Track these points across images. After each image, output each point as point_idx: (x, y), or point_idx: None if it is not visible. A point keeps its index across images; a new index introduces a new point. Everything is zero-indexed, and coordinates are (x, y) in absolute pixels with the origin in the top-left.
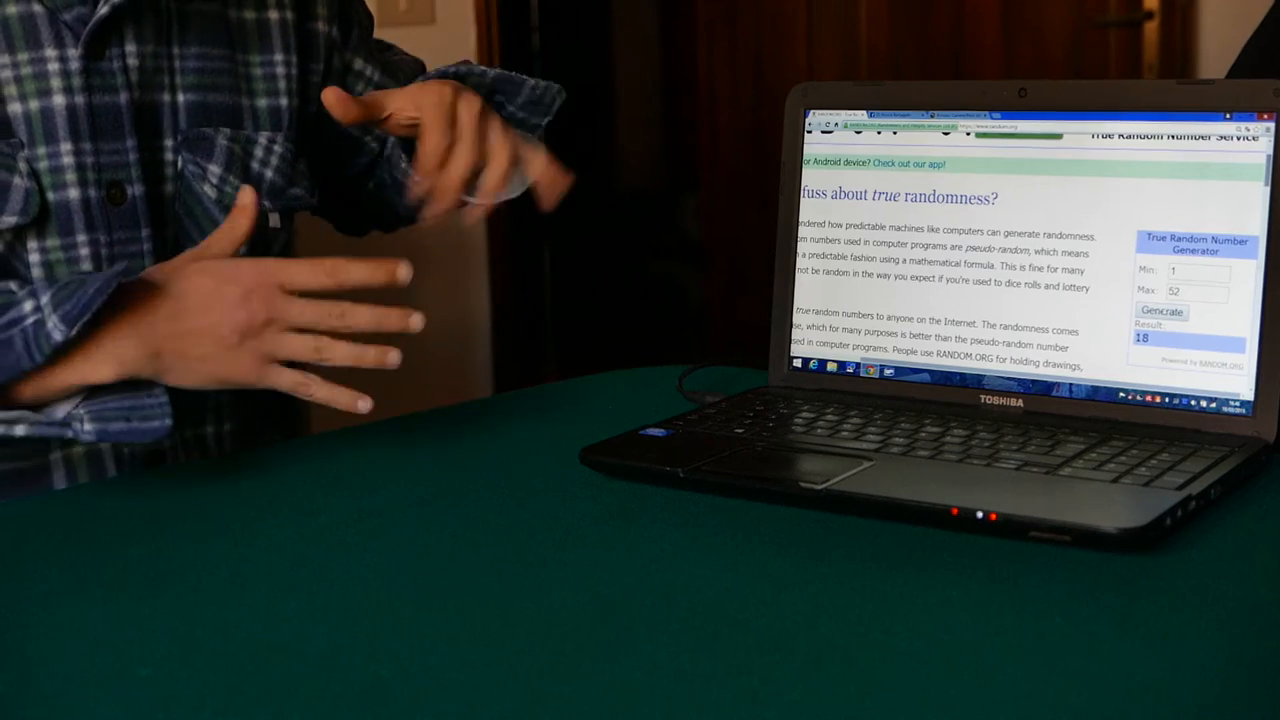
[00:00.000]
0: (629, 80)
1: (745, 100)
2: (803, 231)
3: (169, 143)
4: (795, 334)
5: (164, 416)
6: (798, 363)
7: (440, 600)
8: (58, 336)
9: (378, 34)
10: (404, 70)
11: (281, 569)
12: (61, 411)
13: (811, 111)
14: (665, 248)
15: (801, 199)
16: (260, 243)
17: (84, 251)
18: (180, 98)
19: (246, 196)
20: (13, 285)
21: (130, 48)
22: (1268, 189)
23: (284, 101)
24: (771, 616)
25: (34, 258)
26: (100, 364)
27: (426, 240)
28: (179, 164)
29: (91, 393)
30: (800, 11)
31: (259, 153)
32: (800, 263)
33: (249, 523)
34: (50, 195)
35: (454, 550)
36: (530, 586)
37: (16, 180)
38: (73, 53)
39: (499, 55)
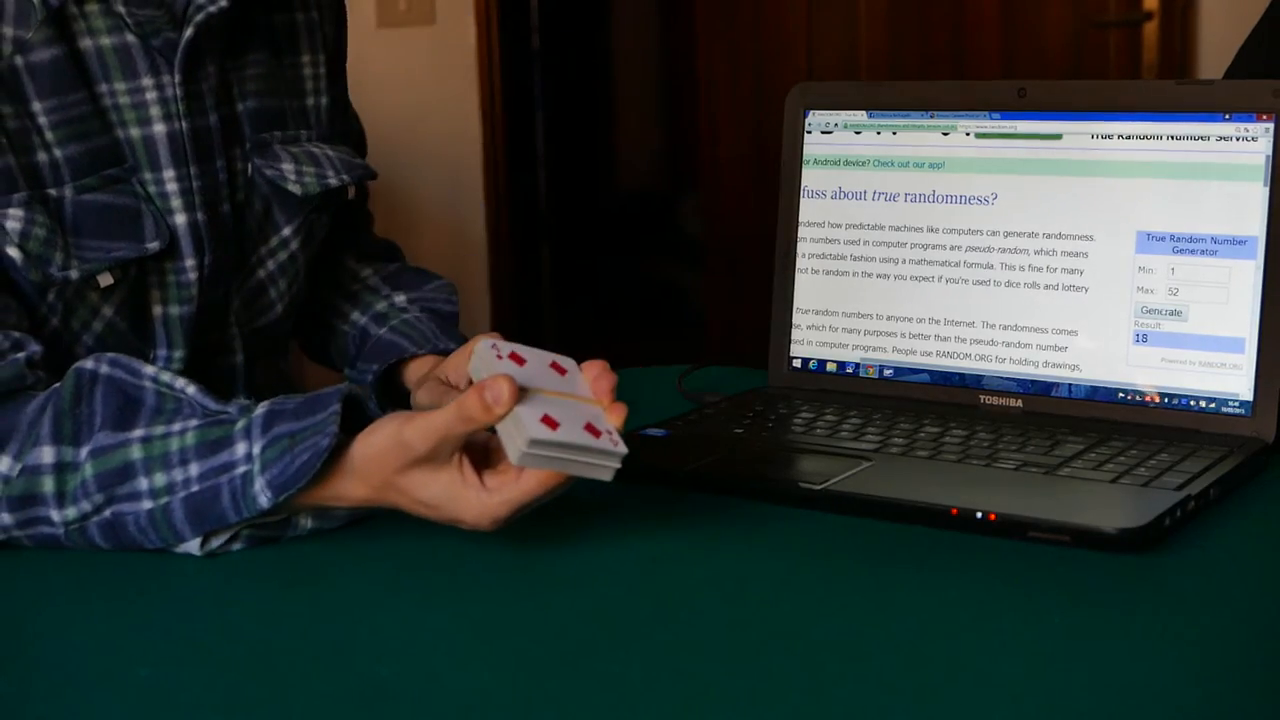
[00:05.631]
0: (629, 80)
1: (745, 100)
2: (803, 231)
3: (238, 151)
4: (795, 334)
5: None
6: (797, 363)
7: (440, 600)
8: (263, 503)
9: (378, 34)
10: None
11: (281, 568)
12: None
13: (811, 111)
14: (665, 248)
15: (801, 199)
16: (340, 208)
17: (192, 276)
18: (240, 108)
19: (503, 390)
20: (231, 409)
21: (210, 68)
22: (1267, 189)
23: (310, 101)
24: (771, 616)
25: (152, 279)
26: (336, 512)
27: (426, 241)
28: (249, 171)
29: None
30: (800, 11)
31: (311, 149)
32: (800, 263)
33: None
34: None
35: (454, 550)
36: (530, 586)
37: (144, 206)
38: (168, 79)
39: (499, 55)
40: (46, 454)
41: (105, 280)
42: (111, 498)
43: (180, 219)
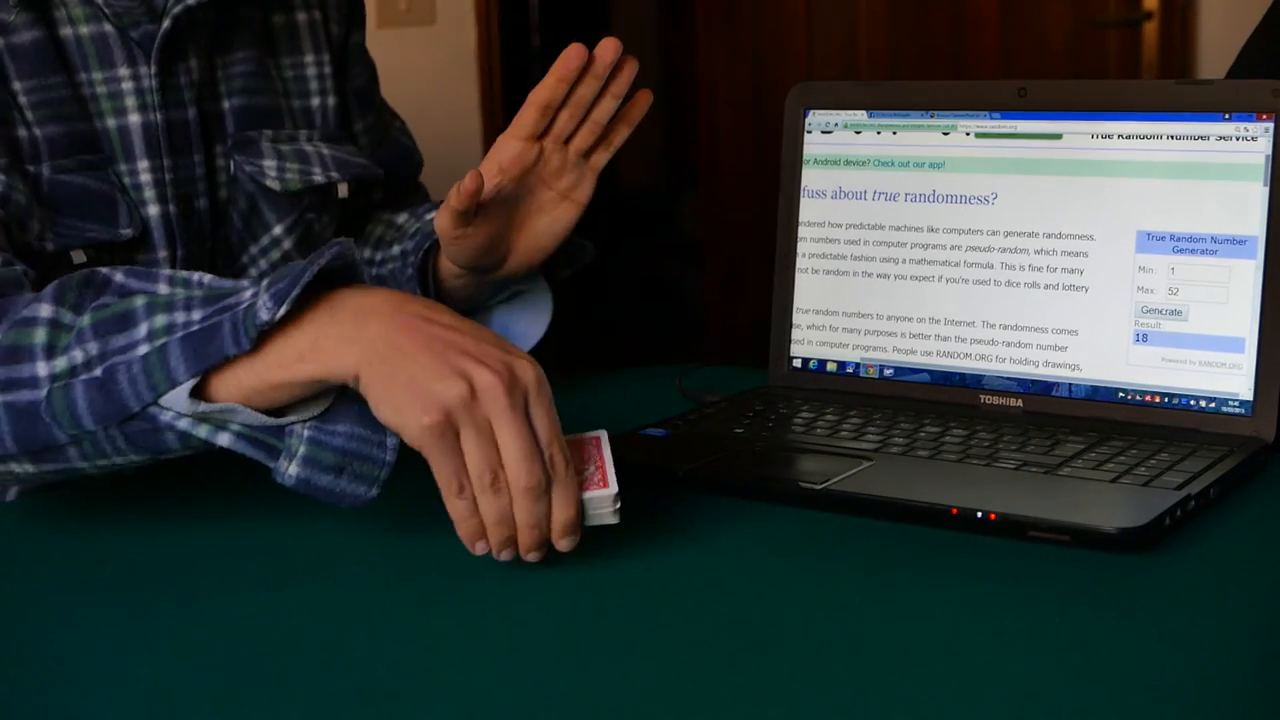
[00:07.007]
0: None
1: (745, 100)
2: (803, 231)
3: (219, 149)
4: (795, 334)
5: (374, 483)
6: (797, 363)
7: (440, 600)
8: (264, 315)
9: (378, 34)
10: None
11: (281, 568)
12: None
13: (811, 111)
14: (665, 248)
15: (801, 199)
16: (329, 210)
17: (165, 269)
18: (226, 104)
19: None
20: (245, 283)
21: (192, 62)
22: (1267, 189)
23: (315, 101)
24: (771, 616)
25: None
26: (342, 351)
27: None
28: (231, 168)
29: (324, 413)
30: (800, 11)
31: (305, 146)
32: (800, 263)
33: (248, 522)
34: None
35: (454, 549)
36: (531, 586)
37: (119, 195)
38: (145, 70)
39: (499, 55)
40: (44, 309)
41: (79, 258)
42: (106, 351)
43: (153, 210)
